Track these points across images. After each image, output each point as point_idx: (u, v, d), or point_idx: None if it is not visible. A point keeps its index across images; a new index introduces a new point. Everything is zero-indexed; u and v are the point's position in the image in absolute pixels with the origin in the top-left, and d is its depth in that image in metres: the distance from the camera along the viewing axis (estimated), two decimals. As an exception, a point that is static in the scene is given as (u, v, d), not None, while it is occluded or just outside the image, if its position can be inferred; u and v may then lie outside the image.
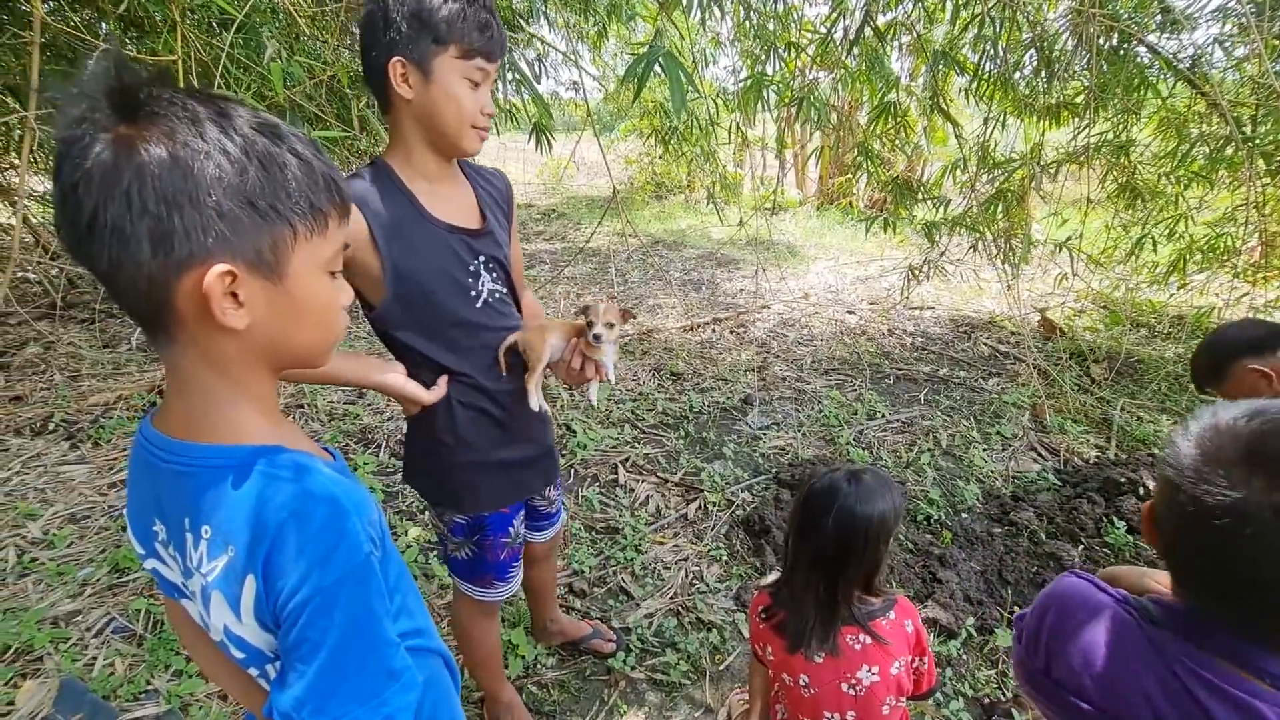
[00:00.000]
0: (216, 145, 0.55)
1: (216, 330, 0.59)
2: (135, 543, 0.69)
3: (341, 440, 3.04)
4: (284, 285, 0.61)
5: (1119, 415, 3.47)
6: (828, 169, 9.52)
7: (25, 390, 3.23)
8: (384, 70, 1.02)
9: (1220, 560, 0.61)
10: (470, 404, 1.23)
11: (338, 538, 0.59)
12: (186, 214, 0.54)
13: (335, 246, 0.65)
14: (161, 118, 0.54)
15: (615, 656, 1.96)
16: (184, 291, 0.56)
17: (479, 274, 1.19)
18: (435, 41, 1.00)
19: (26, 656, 1.86)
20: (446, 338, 1.17)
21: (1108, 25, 3.12)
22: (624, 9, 4.52)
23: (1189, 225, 3.93)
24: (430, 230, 1.12)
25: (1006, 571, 2.36)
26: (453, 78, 1.04)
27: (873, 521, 1.18)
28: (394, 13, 0.98)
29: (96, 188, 0.52)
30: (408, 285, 1.10)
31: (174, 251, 0.54)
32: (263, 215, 0.57)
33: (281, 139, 0.59)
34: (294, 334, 0.64)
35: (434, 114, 1.05)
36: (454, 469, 1.26)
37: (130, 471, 0.69)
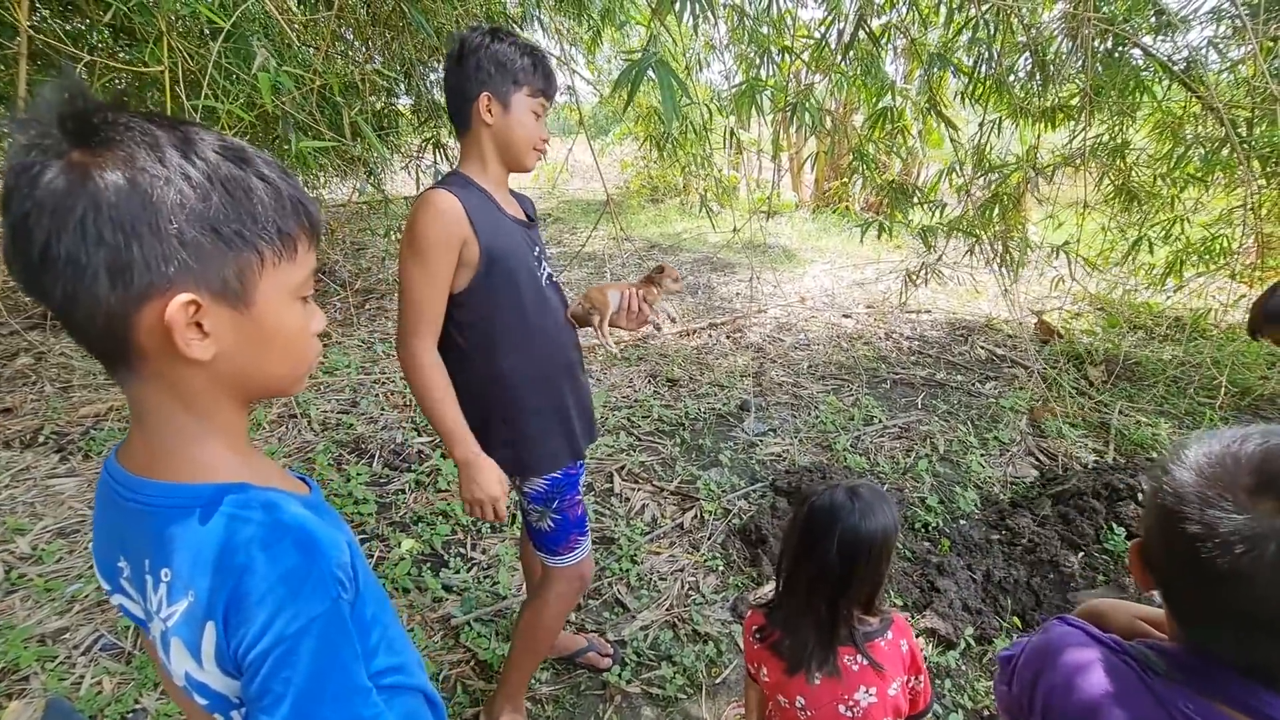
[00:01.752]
0: (178, 170, 0.52)
1: (181, 362, 0.56)
2: (101, 578, 0.67)
3: (335, 450, 3.02)
4: (251, 313, 0.58)
5: (1117, 419, 3.46)
6: (823, 172, 9.51)
7: (15, 402, 3.20)
8: (474, 101, 1.32)
9: (1226, 592, 0.58)
10: (540, 371, 1.43)
11: (302, 583, 0.57)
12: (146, 243, 0.51)
13: (305, 271, 0.63)
14: (118, 143, 0.51)
15: (611, 670, 1.94)
16: (145, 324, 0.54)
17: (540, 259, 1.45)
18: (514, 83, 1.32)
19: (13, 676, 1.83)
20: (525, 310, 1.38)
21: (1102, 28, 3.11)
22: (617, 14, 4.51)
23: (1185, 227, 3.92)
24: (507, 222, 1.38)
25: (1005, 580, 2.35)
26: (524, 110, 1.35)
27: (877, 539, 1.16)
28: (485, 59, 1.30)
29: (49, 217, 0.49)
30: (498, 265, 1.33)
31: (133, 282, 0.52)
32: (227, 242, 0.55)
33: (247, 163, 0.56)
34: (263, 363, 0.61)
35: (509, 136, 1.36)
36: (532, 435, 1.44)
37: (96, 505, 0.66)
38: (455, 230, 1.26)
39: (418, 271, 1.27)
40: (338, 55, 3.71)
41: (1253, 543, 0.55)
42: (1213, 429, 1.60)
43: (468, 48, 1.30)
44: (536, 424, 1.44)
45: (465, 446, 1.34)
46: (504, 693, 1.69)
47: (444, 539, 2.48)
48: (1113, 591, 2.28)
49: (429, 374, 1.31)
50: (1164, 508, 0.62)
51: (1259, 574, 0.55)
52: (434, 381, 1.31)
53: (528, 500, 1.51)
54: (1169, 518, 0.61)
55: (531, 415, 1.43)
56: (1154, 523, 0.64)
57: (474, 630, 2.04)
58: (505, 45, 1.30)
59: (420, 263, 1.26)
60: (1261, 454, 0.58)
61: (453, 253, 1.27)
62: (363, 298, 5.34)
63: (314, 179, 5.82)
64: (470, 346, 1.37)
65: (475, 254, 1.30)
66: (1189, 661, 0.64)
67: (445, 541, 2.47)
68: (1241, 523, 0.56)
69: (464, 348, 1.37)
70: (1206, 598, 0.61)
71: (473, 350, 1.37)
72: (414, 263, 1.27)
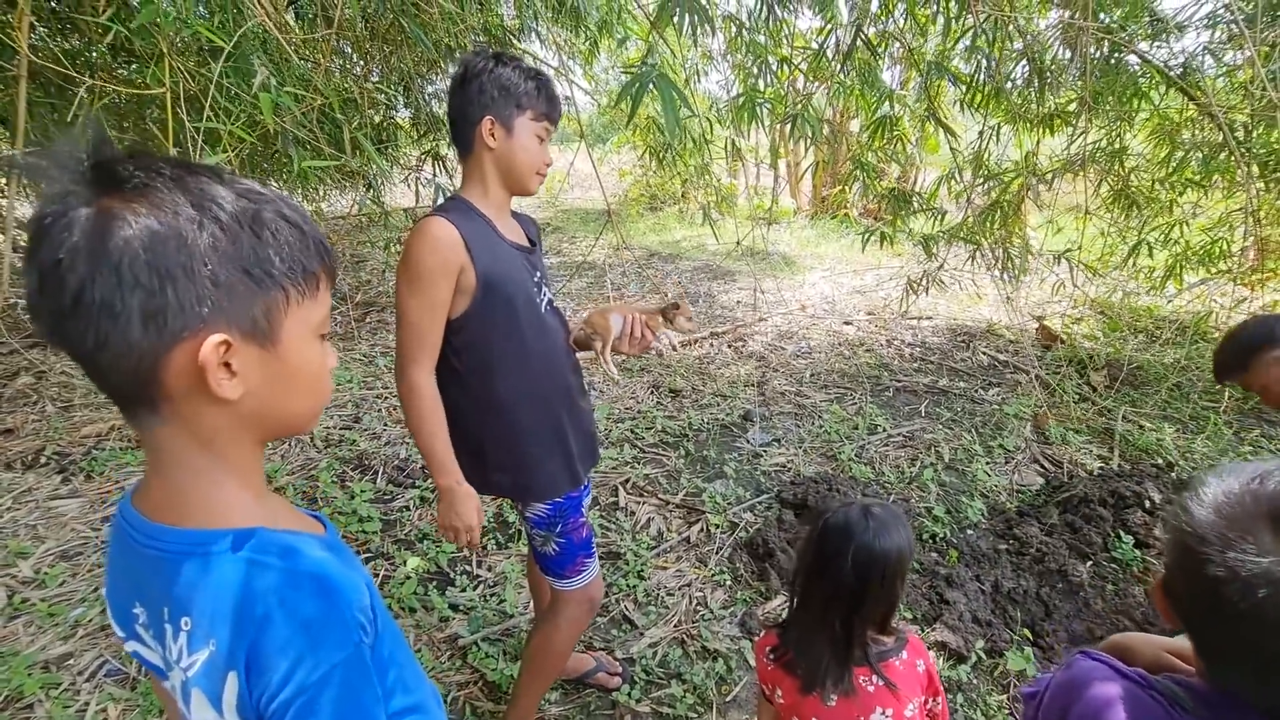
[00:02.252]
0: (208, 214, 0.53)
1: (206, 403, 0.57)
2: (115, 625, 0.66)
3: (338, 467, 3.00)
4: (277, 351, 0.59)
5: (1121, 424, 3.45)
6: (822, 179, 9.54)
7: (17, 423, 3.19)
8: (476, 124, 1.31)
9: (1248, 632, 0.57)
10: (538, 396, 1.42)
11: (324, 629, 0.56)
12: (181, 285, 0.52)
13: (324, 310, 0.64)
14: (148, 189, 0.52)
15: (620, 690, 1.92)
16: (175, 365, 0.54)
17: (540, 285, 1.44)
18: (517, 107, 1.31)
19: (17, 704, 1.81)
20: (522, 336, 1.38)
21: (1099, 35, 3.13)
22: (614, 26, 4.52)
23: (1184, 231, 3.93)
24: (506, 248, 1.37)
25: (1015, 590, 2.33)
26: (527, 134, 1.34)
27: (891, 557, 1.15)
28: (488, 83, 1.29)
29: (83, 263, 0.49)
30: (495, 292, 1.32)
31: (167, 325, 0.52)
32: (257, 282, 0.56)
33: (270, 204, 0.57)
34: (286, 401, 0.62)
35: (511, 160, 1.35)
36: (529, 460, 1.43)
37: (110, 549, 0.65)
38: (452, 258, 1.26)
39: (415, 300, 1.27)
40: (336, 70, 3.72)
41: (1275, 585, 0.54)
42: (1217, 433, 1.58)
43: (471, 71, 1.30)
44: (534, 449, 1.43)
45: (449, 475, 1.34)
46: (514, 716, 1.67)
47: (449, 556, 2.46)
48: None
49: (425, 404, 1.31)
50: (1185, 547, 0.61)
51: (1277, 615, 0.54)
52: (429, 411, 1.32)
53: (530, 525, 1.50)
54: (1191, 557, 0.60)
55: (529, 440, 1.43)
56: (1176, 560, 0.64)
57: (481, 650, 2.03)
58: (509, 69, 1.30)
59: (417, 291, 1.26)
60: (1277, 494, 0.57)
61: (450, 280, 1.27)
62: (363, 311, 5.33)
63: (314, 193, 5.83)
64: (467, 371, 1.37)
65: (472, 281, 1.29)
66: (1216, 699, 0.63)
67: (451, 559, 2.46)
68: (1264, 565, 0.55)
69: (461, 372, 1.36)
70: (1229, 637, 0.60)
71: (469, 375, 1.37)
72: (411, 291, 1.27)
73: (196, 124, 1.99)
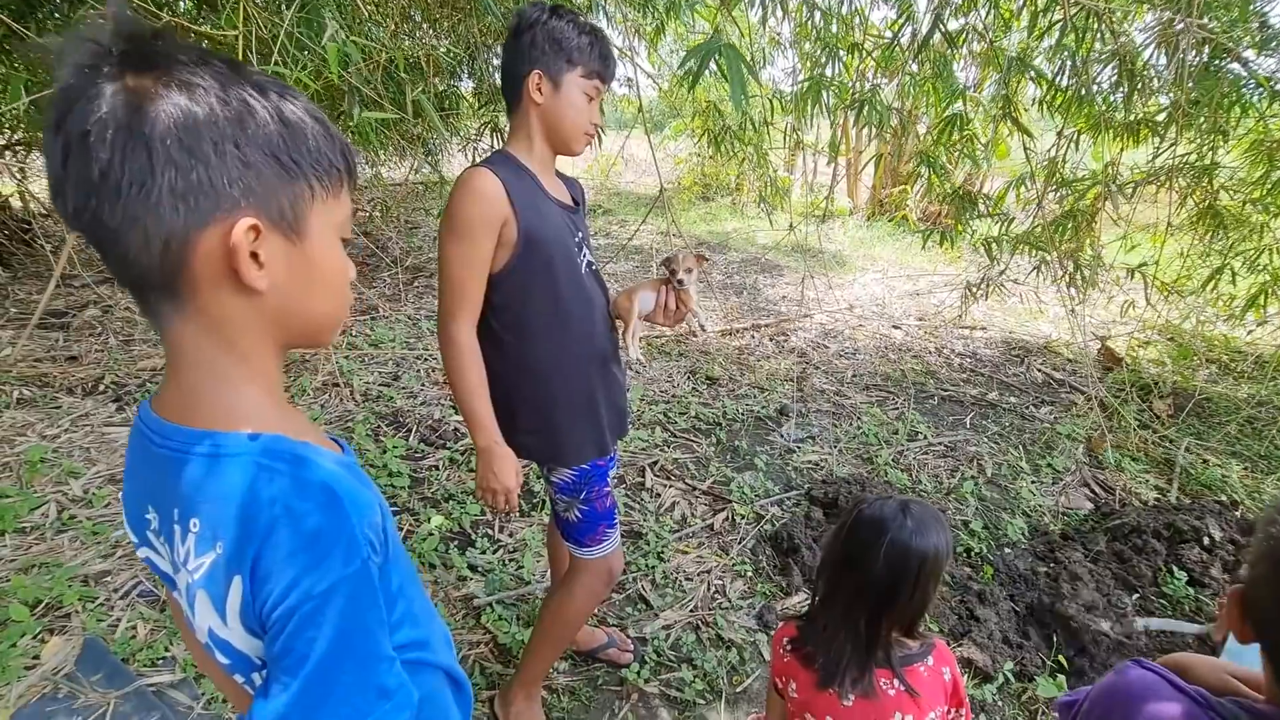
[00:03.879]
0: (236, 97, 0.52)
1: (230, 295, 0.56)
2: (129, 530, 0.66)
3: (374, 422, 3.06)
4: (302, 246, 0.58)
5: (1183, 456, 3.24)
6: (882, 178, 9.26)
7: (81, 351, 3.35)
8: (524, 78, 1.26)
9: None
10: (572, 360, 1.40)
11: (333, 541, 0.55)
12: (213, 164, 0.51)
13: (346, 210, 0.63)
14: (178, 67, 0.50)
15: (630, 667, 1.90)
16: (204, 249, 0.53)
17: (581, 246, 1.40)
18: (568, 62, 1.27)
19: (56, 612, 1.91)
20: (559, 296, 1.34)
21: (1202, 38, 2.91)
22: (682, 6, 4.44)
23: (1274, 257, 3.65)
24: (550, 205, 1.33)
25: (1050, 616, 2.21)
26: (575, 91, 1.29)
27: (928, 556, 1.09)
28: (540, 36, 1.24)
29: (112, 137, 0.48)
30: (535, 248, 1.29)
31: (198, 205, 0.51)
32: (286, 169, 0.55)
33: (296, 98, 0.57)
34: (309, 301, 0.61)
35: (558, 117, 1.30)
36: (559, 424, 1.41)
37: (128, 454, 0.65)
38: (495, 210, 1.23)
39: (457, 252, 1.25)
40: (406, 35, 3.76)
41: None
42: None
43: (524, 22, 1.26)
44: (563, 413, 1.41)
45: (488, 435, 1.32)
46: (520, 680, 1.67)
47: (473, 519, 2.48)
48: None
49: (465, 359, 1.30)
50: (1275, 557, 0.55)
51: None
52: (468, 366, 1.30)
53: (555, 490, 1.48)
54: None
55: (559, 404, 1.40)
56: (1267, 572, 0.58)
57: (495, 612, 2.03)
58: (563, 23, 1.26)
59: (460, 243, 1.24)
60: None
61: (492, 233, 1.24)
62: (412, 274, 5.42)
63: (374, 155, 5.95)
64: (502, 329, 1.35)
65: (514, 235, 1.26)
66: None
67: (474, 521, 2.47)
68: None
69: (496, 330, 1.35)
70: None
71: (504, 333, 1.35)
72: (454, 243, 1.25)
73: (265, 68, 2.02)
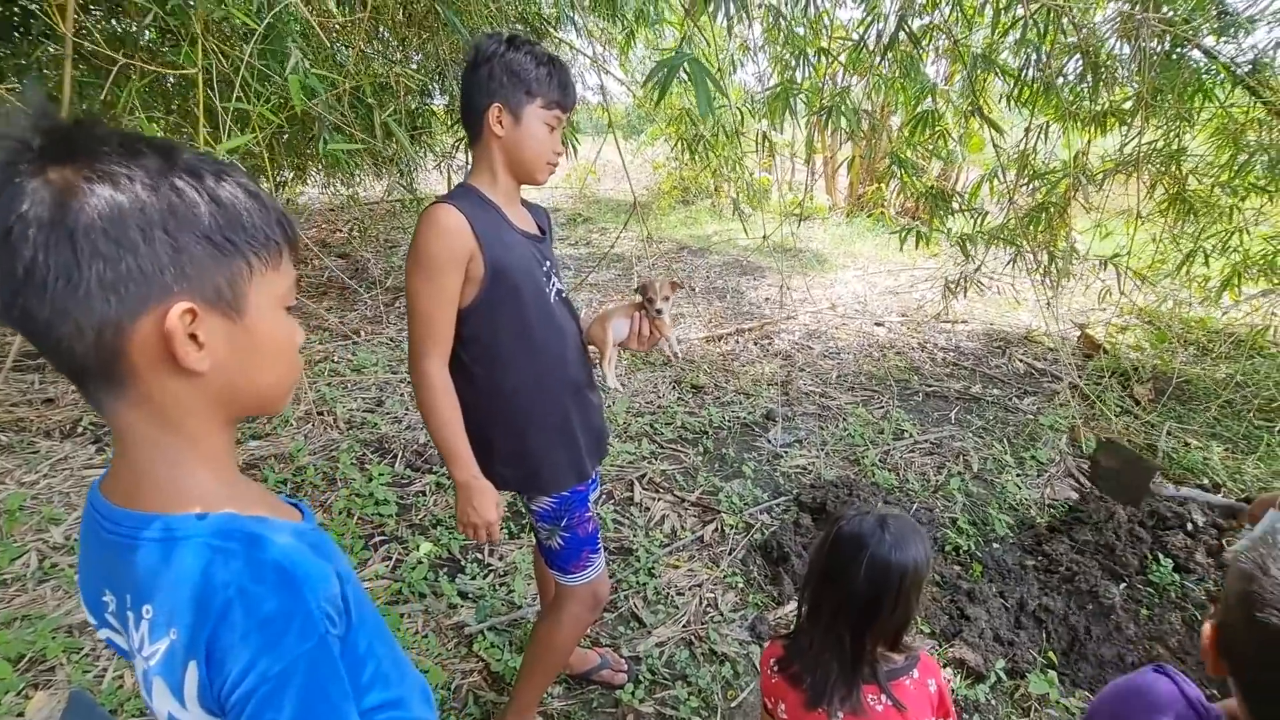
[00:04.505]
0: (165, 182, 0.52)
1: (172, 377, 0.55)
2: (88, 612, 0.65)
3: (359, 450, 3.04)
4: (244, 322, 0.58)
5: (1165, 441, 3.29)
6: (858, 176, 9.32)
7: (57, 393, 3.30)
8: (484, 111, 1.27)
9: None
10: (545, 389, 1.40)
11: (288, 621, 0.54)
12: (142, 252, 0.51)
13: (289, 280, 0.63)
14: (101, 156, 0.50)
15: (625, 688, 1.90)
16: (139, 337, 0.53)
17: (549, 274, 1.41)
18: (527, 94, 1.27)
19: (40, 666, 1.87)
20: (529, 326, 1.35)
21: (1161, 29, 2.95)
22: (650, 14, 4.46)
23: (1244, 239, 3.71)
24: (515, 236, 1.34)
25: (1040, 610, 2.23)
26: (536, 122, 1.29)
27: (908, 570, 1.09)
28: (498, 68, 1.25)
29: (35, 234, 0.48)
30: (502, 280, 1.29)
31: (129, 294, 0.51)
32: (220, 249, 0.55)
33: (228, 175, 0.56)
34: (255, 373, 0.61)
35: (520, 148, 1.31)
36: (536, 454, 1.41)
37: (81, 537, 0.65)
38: (461, 245, 1.23)
39: (425, 289, 1.24)
40: (375, 56, 3.74)
41: None
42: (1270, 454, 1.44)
43: (482, 56, 1.26)
44: (540, 442, 1.41)
45: (465, 469, 1.32)
46: (514, 708, 1.66)
47: (462, 543, 2.46)
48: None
49: (438, 395, 1.29)
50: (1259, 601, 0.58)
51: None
52: (441, 402, 1.30)
53: (536, 518, 1.48)
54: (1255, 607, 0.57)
55: (535, 433, 1.40)
56: (1242, 616, 0.60)
57: (487, 640, 2.02)
58: (521, 54, 1.26)
59: (427, 280, 1.24)
60: None
61: (459, 268, 1.24)
62: (393, 295, 5.39)
63: (348, 177, 5.92)
64: (472, 362, 1.34)
65: (481, 269, 1.27)
66: None
67: (463, 546, 2.46)
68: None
69: (467, 363, 1.34)
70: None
71: (475, 366, 1.35)
72: (421, 280, 1.24)
73: (226, 105, 2.01)
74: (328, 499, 2.67)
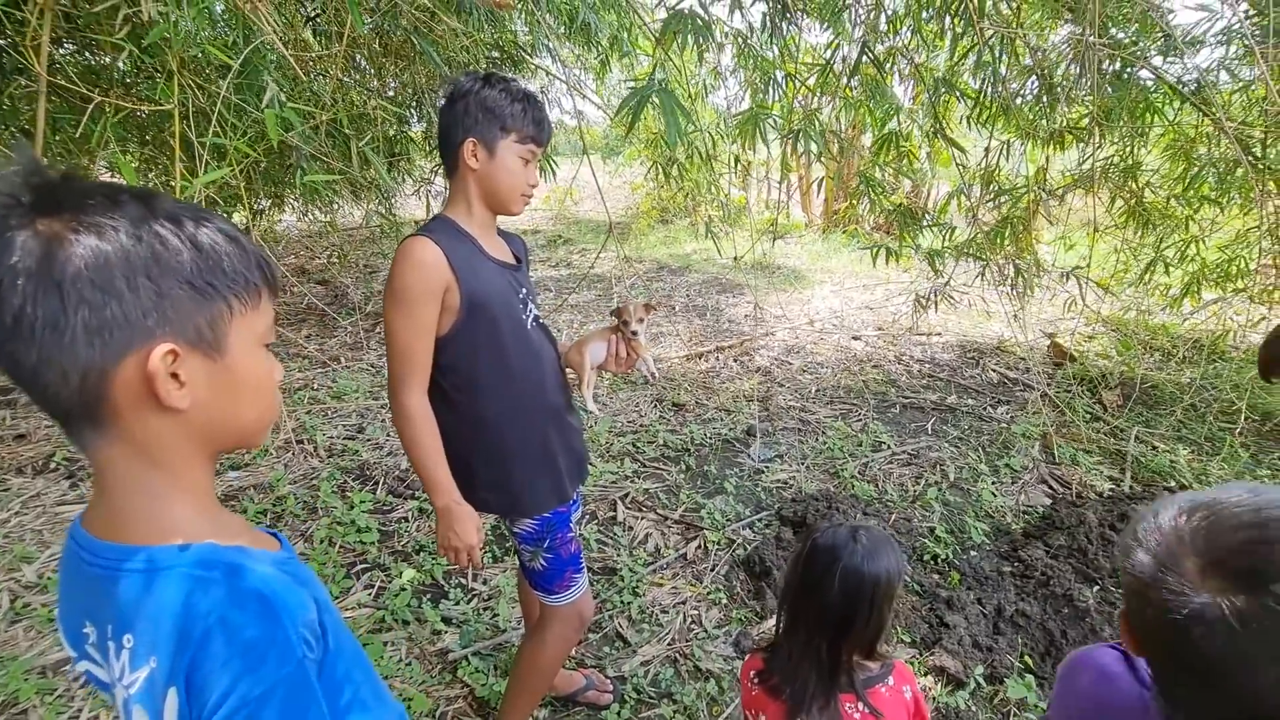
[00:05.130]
0: (148, 230, 0.55)
1: (154, 415, 0.57)
2: (67, 645, 0.66)
3: (339, 477, 3.02)
4: (224, 361, 0.61)
5: (1133, 446, 3.38)
6: (832, 193, 9.51)
7: (29, 428, 3.25)
8: (459, 145, 1.31)
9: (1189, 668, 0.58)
10: (524, 414, 1.43)
11: (267, 646, 0.56)
12: (126, 299, 0.53)
13: (268, 320, 0.66)
14: (87, 208, 0.53)
15: (610, 708, 1.90)
16: (122, 379, 0.55)
17: (525, 302, 1.44)
18: (502, 129, 1.31)
19: (13, 709, 1.83)
20: (506, 354, 1.38)
21: (1109, 52, 3.10)
22: (623, 43, 4.57)
23: (1200, 248, 3.86)
24: (490, 266, 1.37)
25: (1017, 615, 2.28)
26: (511, 156, 1.33)
27: (881, 581, 1.14)
28: (474, 104, 1.29)
29: (24, 284, 0.50)
30: (479, 310, 1.32)
31: (113, 338, 0.53)
32: (201, 293, 0.58)
33: (208, 221, 0.59)
34: (235, 410, 0.63)
35: (494, 181, 1.35)
36: (517, 478, 1.43)
37: (61, 571, 0.66)
38: (437, 277, 1.26)
39: (402, 321, 1.27)
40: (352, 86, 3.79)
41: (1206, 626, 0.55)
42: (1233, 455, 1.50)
43: (458, 92, 1.31)
44: (521, 467, 1.43)
45: (445, 494, 1.34)
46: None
47: (445, 569, 2.46)
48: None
49: (418, 426, 1.31)
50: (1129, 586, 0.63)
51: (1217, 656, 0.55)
52: (422, 432, 1.32)
53: (518, 540, 1.50)
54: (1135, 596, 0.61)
55: (515, 458, 1.42)
56: (1135, 606, 0.64)
57: (472, 665, 2.02)
58: (496, 91, 1.30)
59: (404, 312, 1.26)
60: (1205, 531, 0.58)
61: (436, 300, 1.27)
62: (373, 321, 5.38)
63: (326, 204, 5.93)
64: (452, 390, 1.37)
65: (457, 300, 1.29)
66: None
67: (446, 572, 2.45)
68: (1194, 604, 0.55)
69: (447, 391, 1.37)
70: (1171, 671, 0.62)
71: (455, 393, 1.37)
72: (398, 312, 1.27)
73: (203, 139, 2.03)
74: (309, 528, 2.65)
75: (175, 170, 2.06)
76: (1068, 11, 3.35)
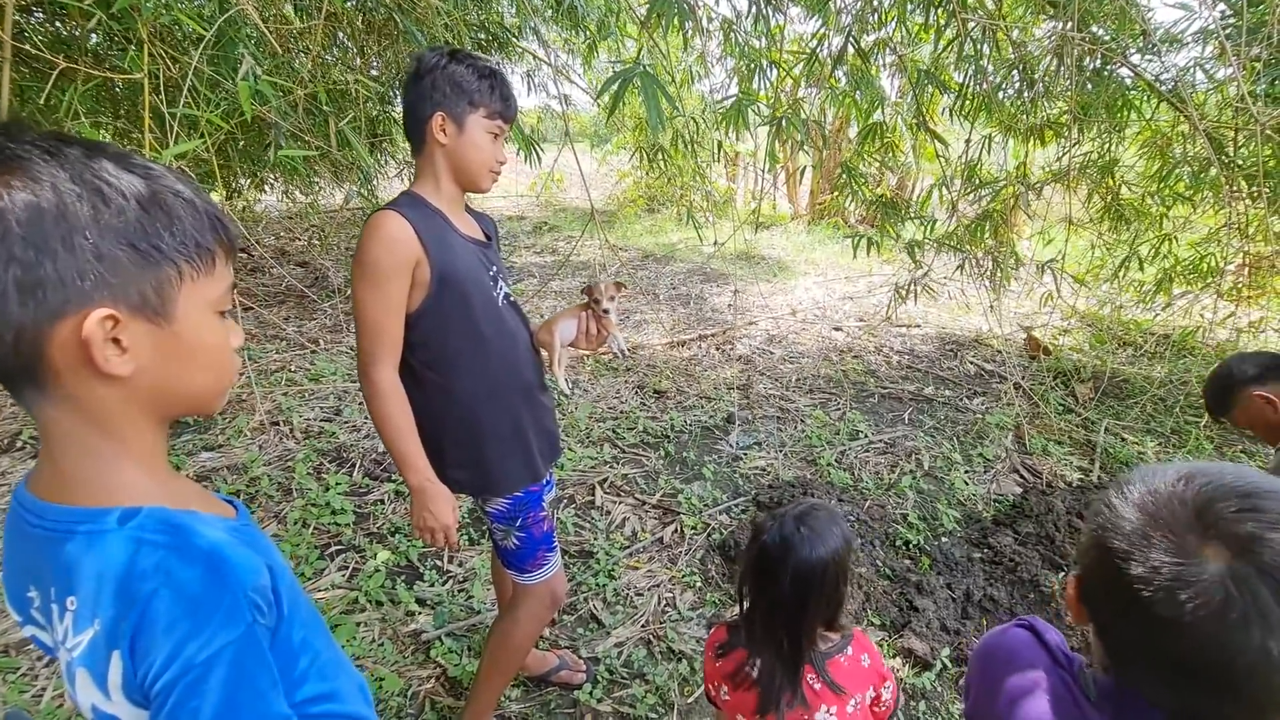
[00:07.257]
0: (89, 186, 0.52)
1: (96, 380, 0.55)
2: (12, 609, 0.65)
3: (315, 459, 2.99)
4: (172, 328, 0.58)
5: (1103, 437, 3.45)
6: (818, 184, 9.54)
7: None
8: (427, 120, 1.30)
9: (1165, 638, 0.56)
10: (496, 392, 1.42)
11: (213, 608, 0.55)
12: (60, 259, 0.51)
13: (224, 285, 0.63)
14: (23, 161, 0.51)
15: (583, 688, 1.91)
16: (59, 341, 0.53)
17: (496, 279, 1.43)
18: (469, 104, 1.30)
19: (-26, 687, 1.81)
20: (478, 330, 1.36)
21: (1089, 48, 3.13)
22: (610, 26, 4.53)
23: (1174, 245, 3.93)
24: (461, 241, 1.36)
25: (985, 599, 2.33)
26: (479, 131, 1.33)
27: (829, 566, 1.15)
28: (441, 79, 1.28)
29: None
30: (450, 286, 1.31)
31: (47, 299, 0.51)
32: (145, 256, 0.55)
33: (159, 179, 0.57)
34: (184, 378, 0.61)
35: (463, 157, 1.34)
36: (489, 457, 1.43)
37: (4, 534, 0.65)
38: (406, 251, 1.24)
39: (372, 296, 1.25)
40: (334, 63, 3.72)
41: (1196, 590, 0.53)
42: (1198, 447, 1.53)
43: (424, 67, 1.29)
44: (492, 445, 1.42)
45: (419, 474, 1.32)
46: (471, 711, 1.67)
47: (420, 551, 2.45)
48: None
49: (389, 402, 1.30)
50: (1107, 546, 0.60)
51: (1200, 622, 0.53)
52: (393, 408, 1.30)
53: (491, 519, 1.50)
54: (1112, 556, 0.59)
55: (487, 437, 1.42)
56: (1095, 560, 0.62)
57: (445, 645, 2.02)
58: (462, 67, 1.29)
59: (373, 287, 1.25)
60: (1206, 497, 0.56)
61: (405, 274, 1.25)
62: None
63: (306, 185, 5.83)
64: (423, 367, 1.36)
65: (427, 274, 1.28)
66: (1118, 695, 0.64)
67: (421, 554, 2.45)
68: (1186, 569, 0.54)
69: (417, 368, 1.35)
70: (1142, 640, 0.59)
71: (426, 371, 1.36)
72: (367, 287, 1.25)
73: (174, 110, 1.99)
74: (282, 510, 2.63)
75: (145, 142, 2.02)
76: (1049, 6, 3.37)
